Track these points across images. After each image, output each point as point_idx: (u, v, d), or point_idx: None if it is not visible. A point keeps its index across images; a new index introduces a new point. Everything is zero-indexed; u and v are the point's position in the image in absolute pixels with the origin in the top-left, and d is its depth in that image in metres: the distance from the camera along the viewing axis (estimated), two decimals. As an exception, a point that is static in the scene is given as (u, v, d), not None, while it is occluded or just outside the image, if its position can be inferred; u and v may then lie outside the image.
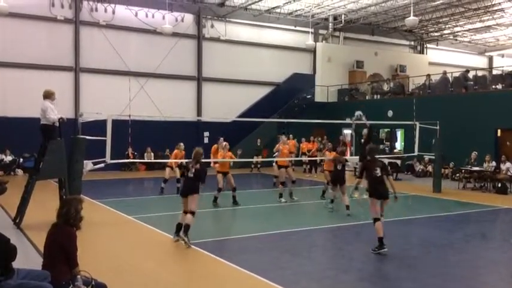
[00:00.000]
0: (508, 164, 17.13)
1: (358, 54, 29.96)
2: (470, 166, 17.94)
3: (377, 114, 21.31)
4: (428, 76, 24.06)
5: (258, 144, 23.53)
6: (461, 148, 19.11)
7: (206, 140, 22.97)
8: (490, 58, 37.49)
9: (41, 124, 10.10)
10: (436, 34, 32.50)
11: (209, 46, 25.98)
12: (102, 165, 11.22)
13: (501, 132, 20.01)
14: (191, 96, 25.74)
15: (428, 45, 34.35)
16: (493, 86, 21.53)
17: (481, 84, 21.79)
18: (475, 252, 8.87)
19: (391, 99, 25.53)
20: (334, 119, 20.68)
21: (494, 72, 25.24)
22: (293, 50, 28.40)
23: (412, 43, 33.92)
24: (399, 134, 25.15)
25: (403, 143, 24.51)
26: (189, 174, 9.08)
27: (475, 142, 19.19)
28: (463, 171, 18.21)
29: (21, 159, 20.90)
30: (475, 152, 18.06)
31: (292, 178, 14.40)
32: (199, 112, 25.45)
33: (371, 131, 14.89)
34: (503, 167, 17.17)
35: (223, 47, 26.31)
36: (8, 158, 20.82)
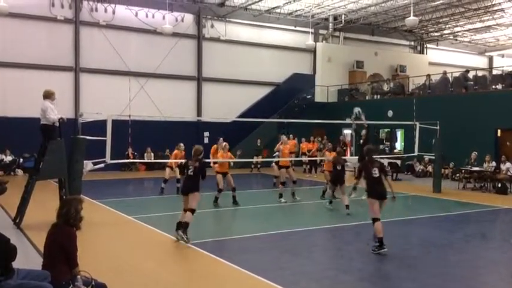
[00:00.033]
0: (508, 164, 17.12)
1: (358, 54, 29.96)
2: (470, 166, 17.94)
3: (377, 114, 21.29)
4: (428, 76, 24.05)
5: (258, 144, 23.53)
6: (461, 148, 19.10)
7: (206, 140, 22.96)
8: (490, 58, 37.49)
9: (41, 124, 10.10)
10: (436, 34, 32.50)
11: (209, 46, 25.98)
12: (102, 165, 11.24)
13: (501, 132, 20.01)
14: (191, 96, 25.74)
15: (428, 45, 34.34)
16: (493, 86, 21.53)
17: (481, 84, 21.79)
18: (475, 252, 8.87)
19: (391, 99, 25.53)
20: (334, 119, 20.68)
21: (494, 72, 25.24)
22: (293, 50, 28.40)
23: (412, 43, 33.91)
24: (399, 134, 25.14)
25: (403, 143, 24.50)
26: (189, 172, 9.10)
27: (475, 142, 19.19)
28: (463, 171, 18.21)
29: (21, 159, 20.90)
30: (475, 152, 18.06)
31: (293, 178, 14.39)
32: (199, 112, 25.44)
33: (369, 132, 14.87)
34: (503, 167, 17.17)
35: (223, 47, 26.30)
36: (8, 158, 20.82)
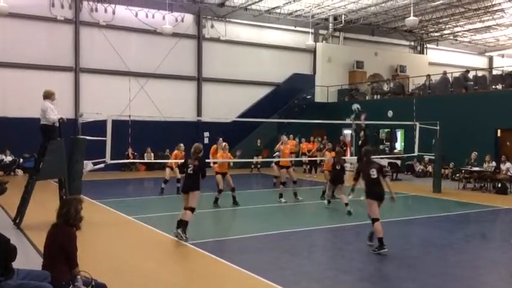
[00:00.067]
0: (508, 164, 17.12)
1: (358, 54, 29.96)
2: (470, 166, 17.94)
3: (377, 114, 21.29)
4: (428, 76, 24.05)
5: (258, 144, 23.53)
6: (461, 148, 19.10)
7: (206, 140, 22.96)
8: (490, 58, 37.49)
9: (41, 124, 10.10)
10: (436, 34, 32.50)
11: (209, 46, 25.98)
12: (102, 165, 11.24)
13: (501, 132, 20.01)
14: (191, 96, 25.74)
15: (428, 45, 34.34)
16: (493, 86, 21.53)
17: (481, 84, 21.79)
18: (475, 252, 8.86)
19: (391, 99, 25.53)
20: (334, 119, 20.69)
21: (494, 72, 25.24)
22: (293, 50, 28.40)
23: (412, 43, 33.91)
24: (399, 134, 25.15)
25: (403, 143, 24.50)
26: (189, 170, 9.11)
27: (475, 142, 19.19)
28: (463, 171, 18.21)
29: (21, 159, 20.91)
30: (475, 152, 18.06)
31: (293, 178, 14.39)
32: (199, 112, 25.44)
33: (367, 133, 14.86)
34: (503, 167, 17.17)
35: (223, 47, 26.31)
36: (8, 158, 20.83)
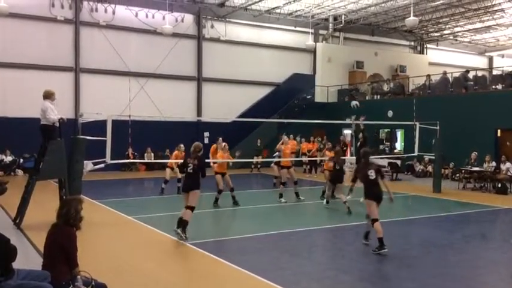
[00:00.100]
0: (508, 164, 17.12)
1: (358, 54, 29.96)
2: (470, 166, 17.93)
3: (377, 114, 21.28)
4: (428, 76, 24.05)
5: (258, 144, 23.53)
6: (461, 148, 19.10)
7: (206, 141, 22.94)
8: (490, 58, 37.50)
9: (41, 124, 10.10)
10: (436, 34, 32.50)
11: (209, 46, 25.98)
12: (102, 165, 11.24)
13: (501, 132, 20.01)
14: (191, 96, 25.75)
15: (428, 45, 34.35)
16: (493, 86, 21.53)
17: (481, 84, 21.79)
18: (475, 252, 8.87)
19: (391, 99, 25.53)
20: (334, 119, 20.73)
21: (494, 72, 25.26)
22: (293, 51, 28.40)
23: (412, 43, 33.92)
24: (399, 134, 25.15)
25: (403, 143, 24.50)
26: (189, 169, 9.13)
27: (475, 142, 19.19)
28: (463, 171, 18.20)
29: (21, 159, 20.92)
30: (475, 152, 18.06)
31: (294, 179, 14.41)
32: (199, 112, 25.44)
33: (365, 135, 14.84)
34: (503, 167, 17.17)
35: (223, 48, 26.31)
36: (8, 159, 20.83)
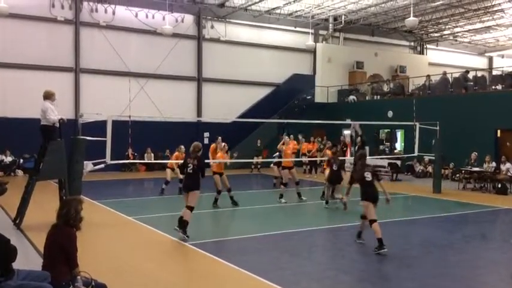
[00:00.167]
0: (508, 165, 17.12)
1: (358, 54, 29.96)
2: (470, 167, 17.93)
3: (377, 114, 21.30)
4: (428, 77, 24.05)
5: (258, 144, 23.51)
6: (461, 149, 19.10)
7: (206, 141, 22.95)
8: (490, 59, 37.49)
9: (41, 125, 10.10)
10: (436, 35, 32.50)
11: (209, 47, 25.98)
12: (102, 165, 11.24)
13: (501, 132, 20.00)
14: (191, 96, 25.74)
15: (428, 45, 34.34)
16: (493, 87, 21.54)
17: (481, 84, 21.80)
18: (475, 252, 8.87)
19: (391, 99, 25.53)
20: (334, 120, 20.72)
21: (494, 72, 25.27)
22: (293, 51, 28.40)
23: (412, 44, 33.92)
24: (399, 135, 25.14)
25: (403, 144, 24.50)
26: (189, 170, 9.14)
27: (475, 143, 19.19)
28: (463, 171, 18.20)
29: (21, 159, 20.93)
30: (475, 153, 18.06)
31: (296, 179, 14.42)
32: (199, 113, 25.44)
33: (363, 139, 15.12)
34: (503, 168, 17.17)
35: (223, 48, 26.31)
36: (8, 159, 20.83)
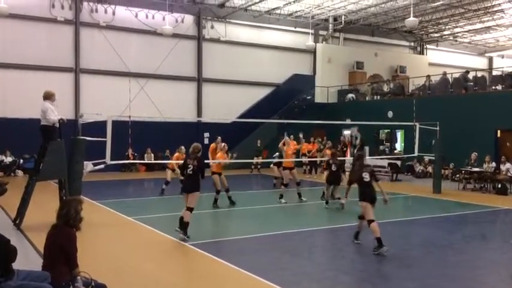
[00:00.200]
0: (508, 165, 17.12)
1: (358, 55, 29.96)
2: (470, 167, 17.93)
3: (377, 115, 21.29)
4: (428, 77, 24.04)
5: (258, 145, 23.50)
6: (461, 149, 19.09)
7: (206, 141, 22.95)
8: (490, 59, 37.50)
9: (41, 125, 10.10)
10: (436, 35, 32.51)
11: (209, 47, 25.98)
12: (102, 166, 11.23)
13: (501, 133, 20.00)
14: (191, 97, 25.74)
15: (428, 46, 34.35)
16: (493, 87, 21.54)
17: (481, 85, 21.80)
18: (475, 252, 8.87)
19: (391, 100, 25.53)
20: (334, 120, 20.73)
21: (494, 73, 25.26)
22: (293, 51, 28.40)
23: (412, 44, 33.92)
24: (399, 135, 25.14)
25: (403, 144, 24.49)
26: (189, 171, 9.15)
27: (475, 143, 19.19)
28: (463, 172, 18.20)
29: (21, 160, 20.92)
30: (475, 153, 18.06)
31: (296, 180, 14.43)
32: (199, 113, 25.44)
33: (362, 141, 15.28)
34: (503, 168, 17.17)
35: (223, 48, 26.31)
36: (8, 159, 20.83)
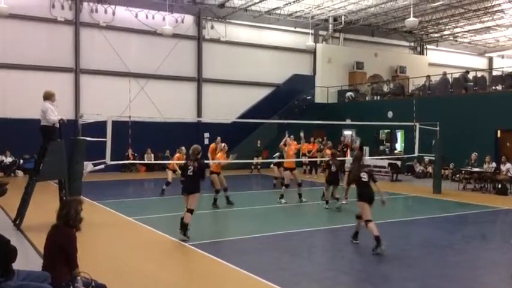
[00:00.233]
0: (508, 165, 17.12)
1: (358, 55, 29.96)
2: (470, 167, 17.93)
3: (377, 115, 21.28)
4: (428, 77, 24.04)
5: (258, 145, 23.49)
6: (461, 149, 19.09)
7: (206, 141, 22.94)
8: (490, 59, 37.50)
9: (41, 125, 10.10)
10: (436, 35, 32.51)
11: (209, 47, 25.98)
12: (102, 166, 11.23)
13: (501, 133, 19.99)
14: (191, 97, 25.74)
15: (428, 46, 34.34)
16: (493, 87, 21.54)
17: (481, 85, 21.79)
18: (475, 253, 8.87)
19: (391, 100, 25.52)
20: (334, 120, 20.71)
21: (494, 73, 25.26)
22: (293, 51, 28.39)
23: (412, 44, 33.92)
24: (399, 135, 25.14)
25: (403, 144, 24.49)
26: (189, 172, 9.16)
27: (475, 143, 19.18)
28: (463, 172, 18.20)
29: (21, 160, 20.92)
30: (475, 153, 18.06)
31: (298, 180, 14.43)
32: (199, 113, 25.44)
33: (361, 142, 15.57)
34: (503, 168, 17.17)
35: (223, 48, 26.31)
36: (8, 159, 20.83)
